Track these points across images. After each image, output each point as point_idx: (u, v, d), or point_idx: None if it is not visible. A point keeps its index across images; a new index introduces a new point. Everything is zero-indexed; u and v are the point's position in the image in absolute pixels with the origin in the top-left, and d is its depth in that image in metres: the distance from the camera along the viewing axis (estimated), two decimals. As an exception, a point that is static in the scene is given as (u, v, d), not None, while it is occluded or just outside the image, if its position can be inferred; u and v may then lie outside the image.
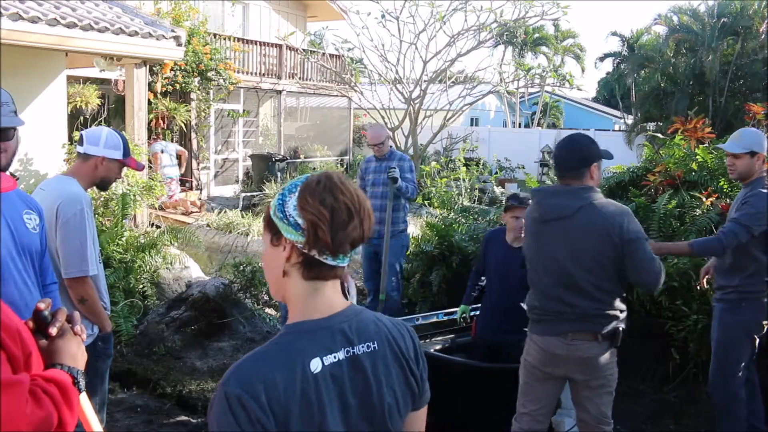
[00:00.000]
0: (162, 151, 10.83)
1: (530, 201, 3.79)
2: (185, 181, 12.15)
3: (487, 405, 3.71)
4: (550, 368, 2.85)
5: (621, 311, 2.79)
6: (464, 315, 4.17)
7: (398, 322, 1.33)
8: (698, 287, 3.92)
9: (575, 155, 2.82)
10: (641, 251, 2.68)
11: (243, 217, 9.90)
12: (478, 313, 4.09)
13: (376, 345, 1.22)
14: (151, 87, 10.34)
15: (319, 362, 1.15)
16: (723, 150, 3.60)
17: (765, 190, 3.29)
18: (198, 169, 13.19)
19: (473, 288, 4.16)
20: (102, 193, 5.73)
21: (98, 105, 10.38)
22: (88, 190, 2.80)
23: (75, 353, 1.46)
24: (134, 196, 6.26)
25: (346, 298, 1.28)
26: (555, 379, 2.89)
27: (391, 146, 5.57)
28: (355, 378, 1.18)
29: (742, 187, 3.49)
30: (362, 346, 1.20)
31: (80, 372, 1.44)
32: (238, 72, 13.66)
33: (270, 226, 1.22)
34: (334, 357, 1.16)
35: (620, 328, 2.78)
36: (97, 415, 1.48)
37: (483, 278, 4.12)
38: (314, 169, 15.07)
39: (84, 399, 1.46)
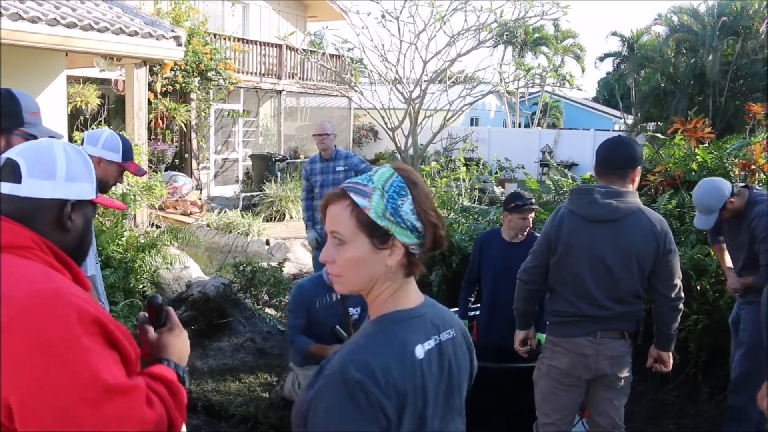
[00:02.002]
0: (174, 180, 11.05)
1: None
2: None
3: (487, 405, 3.70)
4: (579, 372, 2.78)
5: (643, 310, 2.80)
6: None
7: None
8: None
9: (626, 154, 2.74)
10: (676, 263, 2.71)
11: (243, 217, 9.90)
12: (477, 313, 4.07)
13: (453, 332, 1.28)
14: (151, 87, 10.35)
15: (421, 349, 1.19)
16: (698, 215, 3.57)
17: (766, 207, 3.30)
18: (198, 169, 13.19)
19: (467, 301, 4.06)
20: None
21: (98, 105, 10.38)
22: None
23: (182, 350, 1.44)
24: (134, 196, 6.25)
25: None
26: (580, 385, 2.84)
27: (335, 146, 5.52)
28: (442, 363, 1.23)
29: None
30: (445, 333, 1.26)
31: (186, 370, 1.42)
32: (238, 72, 13.66)
33: (372, 229, 1.18)
34: (428, 344, 1.21)
35: (640, 327, 2.81)
36: None
37: (473, 295, 4.05)
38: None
39: None
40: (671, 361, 2.88)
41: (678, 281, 2.72)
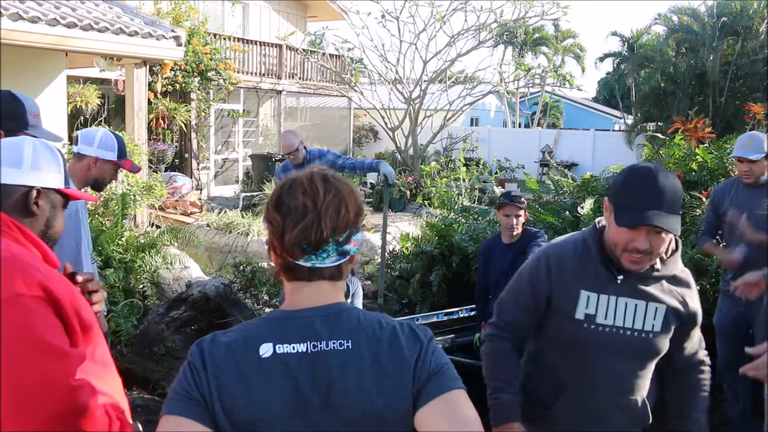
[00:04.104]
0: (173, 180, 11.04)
1: (523, 200, 3.78)
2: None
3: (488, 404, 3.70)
4: None
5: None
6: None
7: (403, 325, 1.24)
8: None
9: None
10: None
11: (243, 217, 9.90)
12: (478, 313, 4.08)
13: (350, 344, 1.16)
14: (151, 87, 10.35)
15: (269, 348, 1.15)
16: (738, 156, 3.54)
17: None
18: (198, 169, 13.20)
19: (486, 315, 3.95)
20: (101, 192, 5.73)
21: (98, 105, 10.39)
22: (83, 190, 2.79)
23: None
24: (134, 196, 6.25)
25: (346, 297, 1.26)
26: None
27: (305, 148, 4.91)
28: (317, 374, 1.14)
29: (747, 187, 3.49)
30: (333, 343, 1.16)
31: None
32: (238, 72, 13.66)
33: None
34: (293, 348, 1.15)
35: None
36: None
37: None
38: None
39: None
40: None
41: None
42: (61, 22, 6.56)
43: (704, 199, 4.88)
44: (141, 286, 5.33)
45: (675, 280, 1.87)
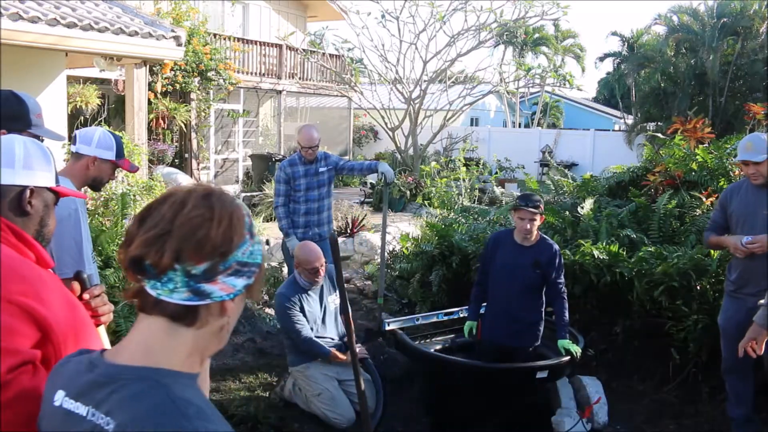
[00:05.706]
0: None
1: (540, 203, 3.74)
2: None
3: (487, 405, 3.70)
4: None
5: None
6: (471, 329, 4.00)
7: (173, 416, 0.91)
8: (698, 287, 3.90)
9: None
10: None
11: (243, 217, 9.89)
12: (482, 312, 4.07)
13: (111, 427, 0.92)
14: (151, 87, 10.34)
15: (61, 397, 1.00)
16: (742, 160, 3.50)
17: None
18: (198, 169, 13.19)
19: (479, 303, 3.98)
20: (100, 192, 5.73)
21: (98, 105, 10.37)
22: (82, 189, 2.79)
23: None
24: (134, 196, 6.25)
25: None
26: None
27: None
28: None
29: (755, 187, 3.48)
30: (102, 418, 0.94)
31: None
32: (238, 72, 13.66)
33: None
34: (74, 406, 0.98)
35: None
36: None
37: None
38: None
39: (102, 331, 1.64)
40: None
41: None
42: (61, 22, 6.56)
43: (704, 199, 4.88)
44: (141, 286, 5.31)
45: None
